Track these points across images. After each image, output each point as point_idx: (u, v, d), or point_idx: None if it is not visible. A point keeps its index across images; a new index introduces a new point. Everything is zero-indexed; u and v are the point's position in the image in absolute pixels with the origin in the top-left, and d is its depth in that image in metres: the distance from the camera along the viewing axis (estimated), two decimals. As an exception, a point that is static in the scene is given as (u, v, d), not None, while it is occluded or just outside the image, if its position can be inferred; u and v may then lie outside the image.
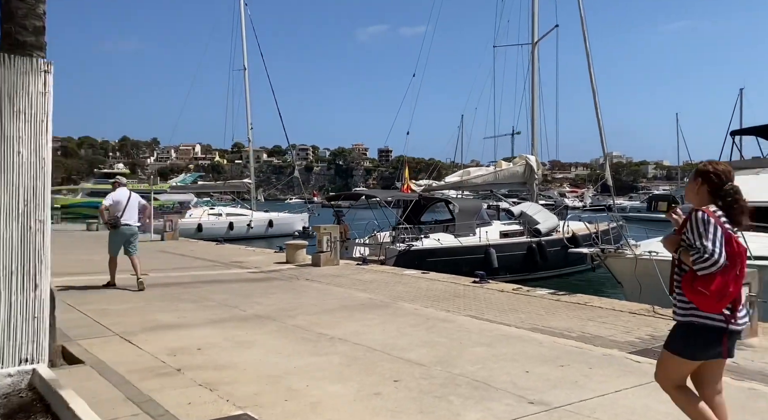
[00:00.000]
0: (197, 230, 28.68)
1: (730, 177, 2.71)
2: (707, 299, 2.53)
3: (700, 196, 2.72)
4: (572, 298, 8.33)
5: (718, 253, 2.49)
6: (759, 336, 5.99)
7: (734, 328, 2.62)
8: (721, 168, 2.74)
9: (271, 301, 7.84)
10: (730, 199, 2.65)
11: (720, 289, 2.51)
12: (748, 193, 10.37)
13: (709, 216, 2.57)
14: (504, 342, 5.76)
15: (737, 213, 2.65)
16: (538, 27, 19.45)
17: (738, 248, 2.56)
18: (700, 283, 2.54)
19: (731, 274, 2.53)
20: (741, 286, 2.59)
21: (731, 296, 2.55)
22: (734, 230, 2.63)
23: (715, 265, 2.49)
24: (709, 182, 2.70)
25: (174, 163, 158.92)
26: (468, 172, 18.80)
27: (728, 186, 2.68)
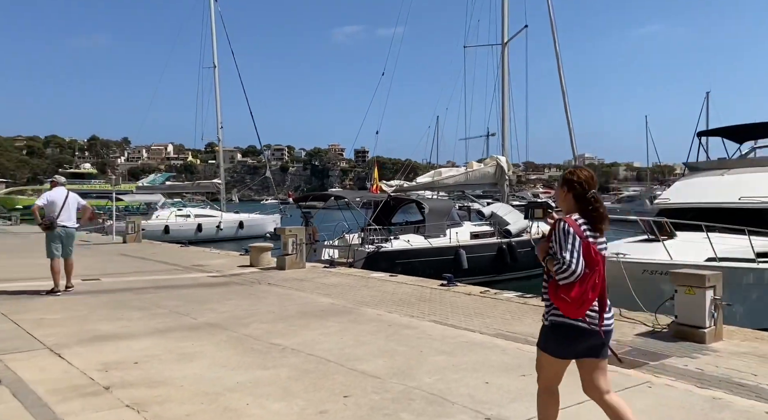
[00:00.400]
0: (164, 232, 27.88)
1: (592, 184, 2.79)
2: (569, 306, 2.65)
3: (567, 202, 2.82)
4: (539, 301, 8.15)
5: (575, 263, 2.60)
6: (723, 340, 5.88)
7: (605, 329, 2.74)
8: (584, 176, 2.81)
9: (226, 308, 7.45)
10: (591, 207, 2.74)
11: (580, 296, 2.62)
12: (714, 194, 10.34)
13: (569, 226, 2.66)
14: (466, 350, 5.52)
15: (597, 220, 2.74)
16: (508, 27, 19.46)
17: (595, 256, 2.65)
18: (562, 290, 2.65)
19: (590, 281, 2.63)
20: (599, 290, 2.67)
21: (590, 302, 2.66)
22: (595, 237, 2.72)
23: (573, 276, 2.60)
24: (573, 190, 2.78)
25: (146, 164, 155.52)
26: (439, 172, 18.62)
27: (590, 194, 2.75)
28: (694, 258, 9.03)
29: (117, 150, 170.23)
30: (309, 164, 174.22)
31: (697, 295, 5.84)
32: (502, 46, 19.47)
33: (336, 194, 16.49)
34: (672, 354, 5.36)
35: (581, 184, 2.77)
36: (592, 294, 2.63)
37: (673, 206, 11.63)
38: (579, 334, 2.71)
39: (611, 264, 8.69)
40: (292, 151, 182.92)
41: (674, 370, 4.86)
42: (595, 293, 2.65)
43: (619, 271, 8.53)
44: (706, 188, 11.51)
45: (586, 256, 2.63)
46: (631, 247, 9.65)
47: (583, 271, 2.61)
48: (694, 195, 11.56)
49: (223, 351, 5.25)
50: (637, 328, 6.43)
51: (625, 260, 8.71)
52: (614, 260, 8.70)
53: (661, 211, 11.86)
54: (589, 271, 2.62)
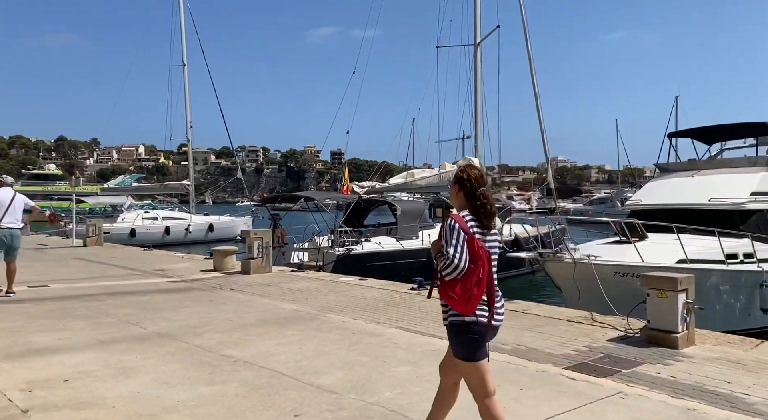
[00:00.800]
0: (130, 235, 26.99)
1: (482, 182, 2.83)
2: (457, 303, 2.66)
3: (459, 200, 2.85)
4: (510, 305, 7.93)
5: (458, 258, 2.61)
6: (696, 344, 5.72)
7: (494, 324, 2.76)
8: (474, 174, 2.84)
9: (180, 316, 7.00)
10: (479, 204, 2.77)
11: (465, 292, 2.63)
12: (684, 195, 10.25)
13: (455, 222, 2.69)
14: (432, 359, 5.21)
15: (485, 217, 2.77)
16: (481, 28, 19.36)
17: (479, 251, 2.66)
18: (449, 287, 2.66)
19: (474, 276, 2.64)
20: (486, 285, 2.68)
21: (478, 297, 2.66)
22: (484, 233, 2.74)
23: (456, 270, 2.62)
24: (464, 188, 2.82)
25: (116, 165, 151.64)
26: (412, 174, 18.36)
27: (479, 191, 2.79)
28: (665, 260, 8.96)
29: (86, 151, 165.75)
30: (284, 166, 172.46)
31: (669, 298, 5.68)
32: (475, 46, 19.35)
33: (305, 195, 16.07)
34: (645, 361, 5.16)
35: (471, 182, 2.81)
36: (477, 289, 2.64)
37: (645, 207, 11.59)
38: (483, 329, 2.72)
39: (583, 266, 8.60)
40: (267, 152, 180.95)
41: (647, 378, 4.65)
42: (481, 289, 2.66)
43: (591, 273, 8.39)
44: (677, 189, 11.51)
45: (471, 251, 2.64)
46: (602, 249, 9.54)
47: (467, 267, 2.63)
48: (664, 196, 11.55)
49: (168, 365, 4.83)
50: (609, 333, 6.24)
51: (596, 262, 8.58)
52: (585, 262, 8.58)
53: (632, 213, 11.82)
54: (473, 266, 2.64)
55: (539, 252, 8.92)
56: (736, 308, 9.42)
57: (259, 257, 11.28)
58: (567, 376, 4.72)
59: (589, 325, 6.70)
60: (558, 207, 22.88)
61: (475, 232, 2.71)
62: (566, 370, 4.90)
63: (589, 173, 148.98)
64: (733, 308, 9.37)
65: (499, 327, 2.82)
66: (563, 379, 4.64)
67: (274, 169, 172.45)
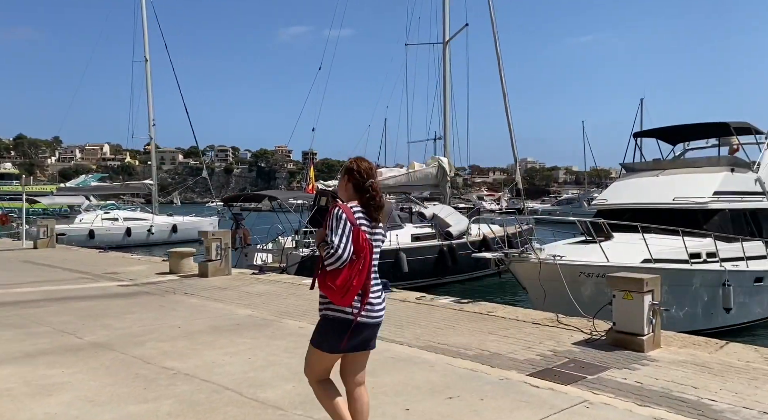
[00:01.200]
0: (89, 237, 25.88)
1: (371, 174, 2.79)
2: (334, 293, 2.61)
3: (348, 192, 2.81)
4: (476, 307, 7.70)
5: (342, 247, 2.57)
6: (662, 347, 5.57)
7: (364, 321, 2.69)
8: (363, 166, 2.81)
9: (124, 324, 6.51)
10: (368, 196, 2.73)
11: (344, 283, 2.59)
12: (649, 195, 10.16)
13: (342, 212, 2.64)
14: (390, 367, 4.91)
15: (373, 210, 2.73)
16: (449, 26, 19.21)
17: (363, 243, 2.63)
18: (329, 277, 2.61)
19: (355, 268, 2.60)
20: (365, 279, 2.64)
21: (356, 289, 2.62)
22: (371, 226, 2.71)
23: (339, 260, 2.57)
24: (353, 180, 2.78)
25: (79, 164, 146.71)
26: (380, 172, 18.05)
27: (368, 183, 2.75)
28: (630, 259, 8.89)
29: (47, 150, 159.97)
30: (255, 166, 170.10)
31: (635, 300, 5.51)
32: (443, 44, 19.20)
33: (268, 194, 15.56)
34: (610, 365, 4.97)
35: (360, 174, 2.76)
36: (356, 281, 2.60)
37: (610, 207, 11.58)
38: (353, 327, 2.66)
39: (548, 266, 8.46)
40: (237, 152, 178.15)
41: (613, 385, 4.45)
42: (360, 282, 2.61)
43: (556, 273, 8.25)
44: (642, 189, 11.54)
45: (355, 242, 2.60)
46: (568, 249, 9.43)
47: (350, 258, 2.58)
48: (630, 196, 11.56)
49: (99, 379, 4.38)
50: (574, 336, 6.05)
51: (561, 262, 8.44)
52: (551, 262, 8.43)
53: (598, 212, 11.80)
54: (355, 258, 2.60)
55: (505, 252, 8.73)
56: (700, 308, 9.43)
57: (217, 259, 10.78)
58: (531, 384, 4.48)
59: (555, 328, 6.51)
60: (526, 207, 22.95)
61: (361, 223, 2.67)
62: (530, 377, 4.66)
63: (557, 174, 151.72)
64: (696, 308, 9.38)
65: (373, 324, 2.74)
66: (527, 388, 4.39)
67: (245, 169, 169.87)
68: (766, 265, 10.27)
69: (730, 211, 10.59)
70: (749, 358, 5.25)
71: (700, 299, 9.41)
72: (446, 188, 19.12)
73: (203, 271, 10.75)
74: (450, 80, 19.25)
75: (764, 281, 10.15)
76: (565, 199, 65.17)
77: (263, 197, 15.87)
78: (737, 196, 10.84)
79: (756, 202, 11.28)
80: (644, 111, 51.32)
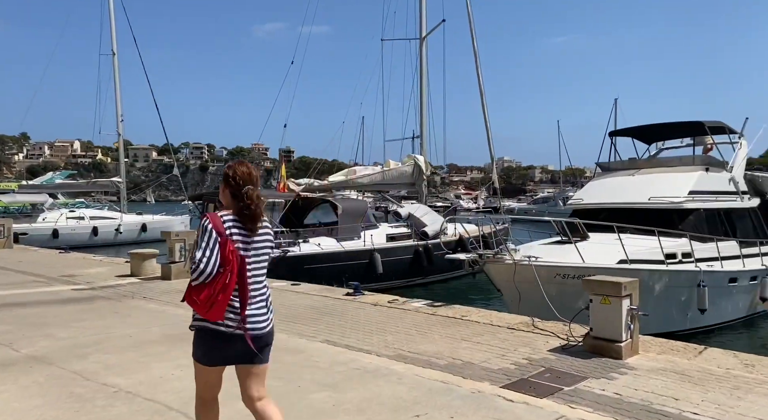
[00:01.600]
0: (52, 236, 24.87)
1: (248, 180, 2.63)
2: (199, 308, 2.50)
3: (226, 198, 2.67)
4: (449, 311, 7.41)
5: (205, 262, 2.45)
6: (640, 353, 5.35)
7: (240, 332, 2.54)
8: (240, 172, 2.65)
9: (70, 333, 6.02)
10: (242, 204, 2.59)
11: (208, 297, 2.46)
12: (625, 194, 9.95)
13: (209, 223, 2.54)
14: (356, 381, 4.57)
15: (248, 219, 2.59)
16: (426, 21, 18.93)
17: (230, 256, 2.50)
18: (194, 291, 2.50)
19: (220, 282, 2.47)
20: (230, 291, 2.50)
21: (222, 303, 2.49)
22: (247, 235, 2.58)
23: (202, 275, 2.45)
24: (229, 186, 2.64)
25: (48, 161, 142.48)
26: (354, 171, 17.68)
27: (243, 190, 2.60)
28: (606, 260, 8.73)
29: (14, 146, 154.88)
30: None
31: (613, 304, 5.28)
32: (420, 40, 18.91)
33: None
34: (588, 375, 4.72)
35: (235, 180, 2.61)
36: (222, 296, 2.46)
37: (586, 207, 11.44)
38: (223, 338, 2.53)
39: (523, 267, 8.23)
40: (213, 149, 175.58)
41: (591, 397, 4.19)
42: (227, 294, 2.47)
43: (531, 274, 8.02)
44: (618, 188, 11.43)
45: (222, 255, 2.47)
46: (543, 250, 9.23)
47: (216, 271, 2.45)
48: (605, 195, 11.44)
49: (26, 400, 3.93)
50: (550, 342, 5.80)
51: (536, 263, 8.22)
52: (525, 263, 8.20)
53: (574, 212, 11.66)
54: (222, 270, 2.47)
55: (479, 253, 8.47)
56: (675, 309, 9.34)
57: (181, 261, 10.27)
58: (505, 398, 4.19)
59: (531, 333, 6.26)
60: (503, 206, 22.85)
61: (233, 233, 2.52)
62: (504, 390, 4.37)
63: (533, 173, 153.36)
64: (672, 309, 9.29)
65: (254, 337, 2.57)
66: (500, 402, 4.10)
67: (220, 166, 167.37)
68: (740, 266, 10.25)
69: (705, 210, 10.55)
70: (728, 364, 5.06)
71: (675, 300, 9.31)
72: (422, 187, 18.85)
73: (166, 274, 10.24)
74: (427, 77, 18.99)
75: (738, 281, 10.13)
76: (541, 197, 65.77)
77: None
78: (712, 196, 10.81)
79: (730, 201, 11.28)
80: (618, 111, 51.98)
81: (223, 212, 2.60)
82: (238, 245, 2.53)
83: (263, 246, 2.65)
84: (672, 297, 9.28)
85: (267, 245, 2.67)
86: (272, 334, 2.70)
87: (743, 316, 10.68)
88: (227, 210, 2.62)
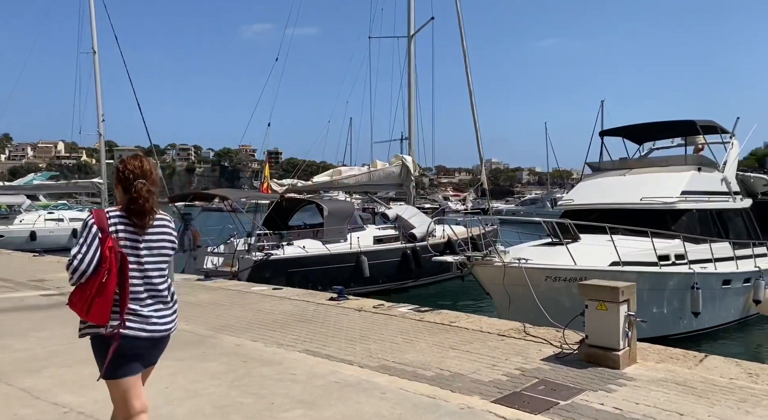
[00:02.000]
0: (30, 239, 24.12)
1: (139, 174, 2.47)
2: (80, 311, 2.36)
3: (119, 193, 2.53)
4: (437, 317, 7.07)
5: (79, 260, 2.31)
6: (638, 362, 5.05)
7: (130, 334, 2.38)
8: (132, 165, 2.50)
9: (27, 344, 5.58)
10: (129, 198, 2.45)
11: (86, 299, 2.32)
12: (616, 195, 9.64)
13: (91, 219, 2.40)
14: (335, 396, 4.20)
15: (134, 214, 2.43)
16: (414, 19, 18.63)
17: (109, 254, 2.33)
18: (75, 293, 2.37)
19: (97, 281, 2.32)
20: (111, 291, 2.32)
21: (100, 305, 2.33)
22: (137, 233, 2.43)
23: (76, 273, 2.31)
24: (120, 181, 2.49)
25: (31, 162, 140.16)
26: (339, 171, 17.26)
27: (134, 184, 2.45)
28: (598, 262, 8.45)
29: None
30: (218, 165, 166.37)
31: (610, 310, 4.98)
32: (408, 38, 18.59)
33: (219, 193, 14.60)
34: (585, 387, 4.40)
35: (125, 174, 2.47)
36: (99, 297, 2.30)
37: (577, 207, 11.18)
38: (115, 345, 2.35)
39: (512, 270, 7.91)
40: (200, 151, 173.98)
41: (589, 413, 3.86)
42: (105, 296, 2.30)
43: (521, 277, 7.72)
44: (609, 189, 11.18)
45: (102, 252, 2.32)
46: (533, 252, 8.92)
47: (94, 269, 2.30)
48: (596, 196, 11.19)
49: (-38, 425, 3.51)
50: (543, 350, 5.47)
51: (526, 266, 7.91)
52: (515, 266, 7.89)
53: (564, 213, 11.39)
54: (100, 269, 2.31)
55: (467, 255, 8.13)
56: (669, 312, 9.09)
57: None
58: (496, 414, 3.85)
59: (522, 340, 5.94)
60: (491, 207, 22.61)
61: (119, 230, 2.38)
62: (495, 405, 4.03)
63: (521, 175, 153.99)
64: (665, 312, 9.03)
65: (147, 339, 2.41)
66: (491, 419, 3.76)
67: (207, 168, 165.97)
68: (734, 267, 10.04)
69: (698, 211, 10.33)
70: (731, 373, 4.78)
71: (669, 303, 9.07)
72: (410, 188, 18.51)
73: (141, 278, 9.76)
74: (415, 76, 18.68)
75: (732, 284, 9.92)
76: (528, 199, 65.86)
77: (213, 196, 14.90)
78: (704, 196, 10.60)
79: (722, 202, 11.08)
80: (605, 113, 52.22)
81: (112, 208, 2.46)
82: (124, 243, 2.37)
83: (159, 245, 2.49)
84: (665, 300, 9.03)
85: (165, 243, 2.51)
86: (169, 338, 2.57)
87: (737, 319, 10.48)
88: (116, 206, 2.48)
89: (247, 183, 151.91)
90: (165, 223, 2.54)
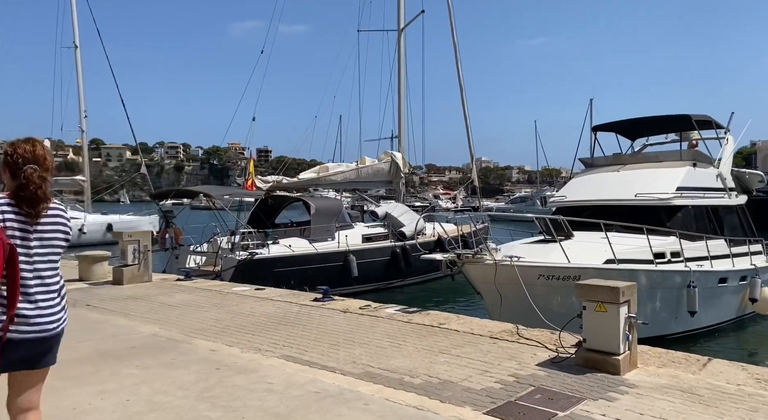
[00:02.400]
0: (9, 238, 23.47)
1: (30, 159, 2.30)
2: None
3: (6, 179, 2.35)
4: (426, 318, 6.73)
5: None
6: (638, 367, 4.74)
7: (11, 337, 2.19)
8: (21, 149, 2.32)
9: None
10: (19, 185, 2.28)
11: None
12: (610, 191, 9.26)
13: None
14: (313, 408, 3.84)
15: (23, 201, 2.25)
16: (405, 12, 18.26)
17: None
18: None
19: None
20: None
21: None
22: (26, 221, 2.26)
23: None
24: (8, 166, 2.32)
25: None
26: (326, 168, 16.85)
27: (23, 169, 2.28)
28: (592, 260, 8.16)
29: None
30: (207, 163, 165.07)
31: (610, 312, 4.65)
32: (398, 31, 18.22)
33: (202, 190, 14.15)
34: (584, 395, 4.07)
35: (13, 158, 2.31)
36: None
37: (570, 204, 10.89)
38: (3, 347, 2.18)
39: (504, 268, 7.59)
40: (188, 149, 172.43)
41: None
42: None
43: (514, 276, 7.40)
44: (602, 185, 10.90)
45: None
46: (526, 249, 8.61)
47: None
48: (590, 192, 10.90)
49: None
50: (538, 354, 5.15)
51: (519, 264, 7.59)
52: (507, 264, 7.58)
53: (557, 210, 11.09)
54: None
55: (457, 253, 7.80)
56: (665, 311, 8.82)
57: (134, 264, 9.40)
58: (489, 428, 3.51)
59: (516, 343, 5.61)
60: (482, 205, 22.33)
61: (6, 218, 2.22)
62: (489, 417, 3.70)
63: (511, 173, 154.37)
64: (661, 312, 8.76)
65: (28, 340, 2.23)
66: (484, 435, 3.42)
67: (196, 166, 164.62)
68: (730, 265, 9.81)
69: (693, 207, 10.08)
70: (738, 379, 4.48)
71: (665, 302, 8.80)
72: (400, 185, 18.16)
73: (118, 278, 9.35)
74: (405, 71, 18.31)
75: (728, 282, 9.68)
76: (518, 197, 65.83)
77: (196, 193, 14.45)
78: (700, 192, 10.35)
79: (717, 198, 10.85)
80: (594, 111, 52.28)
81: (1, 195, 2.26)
82: (12, 233, 2.19)
83: (52, 236, 2.33)
84: (661, 299, 8.76)
85: (57, 234, 2.34)
86: (62, 334, 2.41)
87: (732, 318, 10.26)
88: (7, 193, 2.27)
89: (235, 181, 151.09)
90: (59, 213, 2.36)
